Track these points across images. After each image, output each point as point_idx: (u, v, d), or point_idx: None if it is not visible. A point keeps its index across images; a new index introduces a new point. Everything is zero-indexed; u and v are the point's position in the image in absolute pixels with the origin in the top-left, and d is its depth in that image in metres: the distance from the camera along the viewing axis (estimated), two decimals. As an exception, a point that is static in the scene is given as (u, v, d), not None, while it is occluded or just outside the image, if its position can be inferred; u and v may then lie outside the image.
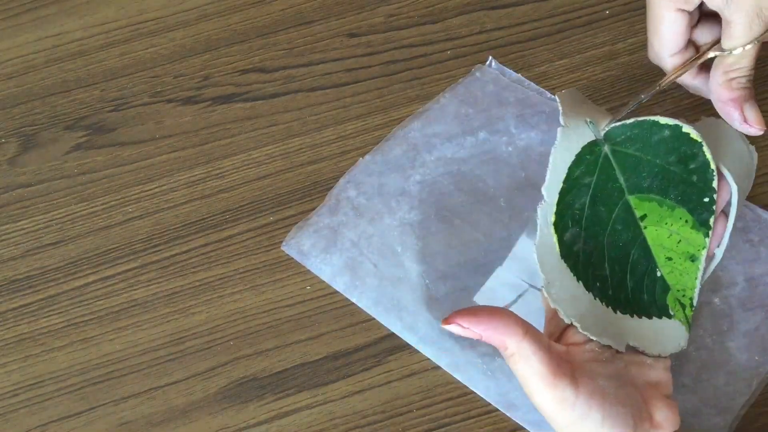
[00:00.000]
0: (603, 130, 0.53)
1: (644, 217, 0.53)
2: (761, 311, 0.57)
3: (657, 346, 0.50)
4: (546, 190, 0.52)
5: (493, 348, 0.47)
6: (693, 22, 0.58)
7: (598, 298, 0.50)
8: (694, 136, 0.52)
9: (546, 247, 0.51)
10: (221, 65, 0.75)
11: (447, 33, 0.74)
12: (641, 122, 0.53)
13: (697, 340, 0.56)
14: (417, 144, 0.67)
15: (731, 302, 0.58)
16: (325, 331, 0.60)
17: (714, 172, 0.52)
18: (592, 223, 0.52)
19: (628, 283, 0.52)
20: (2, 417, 0.59)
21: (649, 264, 0.52)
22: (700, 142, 0.52)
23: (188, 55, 0.76)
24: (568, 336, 0.50)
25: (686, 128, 0.53)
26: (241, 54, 0.75)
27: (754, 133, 0.56)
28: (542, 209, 0.51)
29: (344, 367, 0.59)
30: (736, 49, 0.55)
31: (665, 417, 0.47)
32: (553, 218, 0.51)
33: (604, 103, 0.67)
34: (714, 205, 0.52)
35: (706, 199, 0.52)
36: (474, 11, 0.75)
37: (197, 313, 0.62)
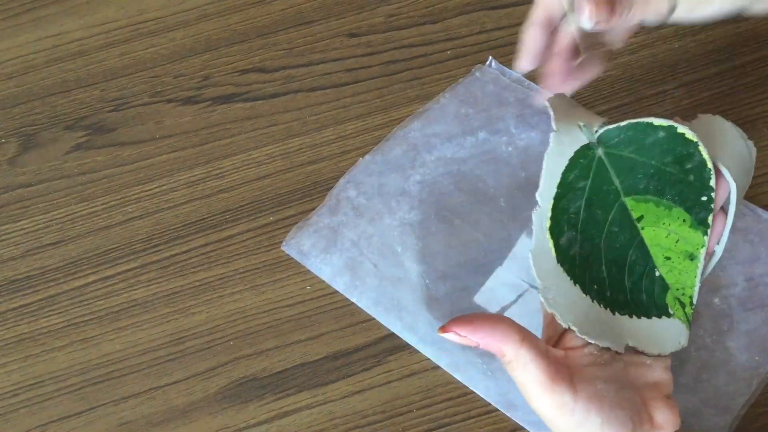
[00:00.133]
0: (596, 133, 0.53)
1: (641, 218, 0.52)
2: (761, 311, 0.57)
3: (657, 346, 0.50)
4: (540, 196, 0.51)
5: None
6: None
7: (595, 301, 0.50)
8: (689, 136, 0.52)
9: (542, 253, 0.50)
10: (221, 65, 0.75)
11: (447, 33, 0.74)
12: (635, 124, 0.53)
13: (697, 340, 0.56)
14: (417, 144, 0.67)
15: (731, 302, 0.58)
16: (325, 331, 0.60)
17: (711, 170, 0.52)
18: (588, 226, 0.52)
19: (626, 283, 0.51)
20: (2, 417, 0.59)
21: (647, 264, 0.52)
22: (695, 141, 0.52)
23: (188, 55, 0.76)
24: (566, 340, 0.49)
25: (681, 128, 0.52)
26: (241, 54, 0.75)
27: (583, 20, 0.52)
28: (537, 215, 0.51)
29: (344, 367, 0.59)
30: None
31: (665, 418, 0.47)
32: (548, 223, 0.51)
33: (604, 103, 0.67)
34: (712, 204, 0.52)
35: (704, 198, 0.52)
36: (474, 11, 0.75)
37: (197, 313, 0.62)
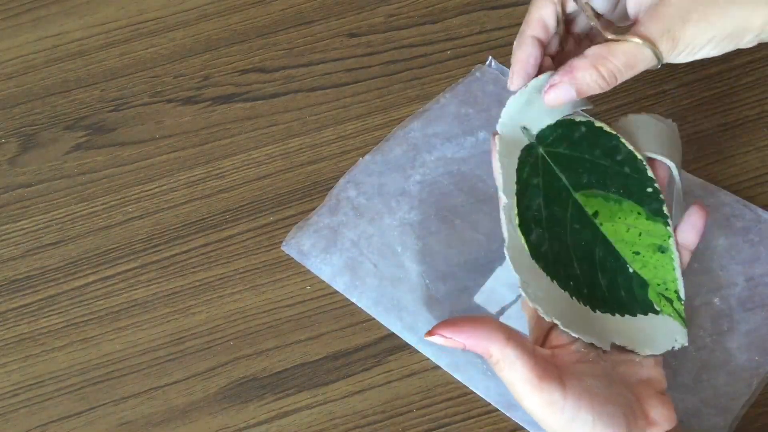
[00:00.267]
0: (534, 135, 0.53)
1: (596, 214, 0.52)
2: (761, 311, 0.57)
3: (648, 345, 0.49)
4: (503, 192, 0.51)
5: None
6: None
7: (574, 297, 0.50)
8: (607, 129, 0.53)
9: (516, 248, 0.50)
10: (221, 65, 0.75)
11: (447, 33, 0.74)
12: (562, 121, 0.53)
13: (697, 340, 0.56)
14: (417, 144, 0.67)
15: (731, 302, 0.58)
16: (325, 331, 0.60)
17: (644, 161, 0.52)
18: (551, 224, 0.51)
19: (600, 281, 0.51)
20: (2, 417, 0.59)
21: (618, 261, 0.52)
22: (615, 134, 0.53)
23: (188, 55, 0.76)
24: (553, 338, 0.49)
25: (598, 123, 0.53)
26: (241, 54, 0.75)
27: (547, 99, 0.51)
28: (504, 210, 0.51)
29: (344, 367, 0.59)
30: (631, 42, 0.50)
31: (660, 414, 0.47)
32: (517, 220, 0.51)
33: (604, 103, 0.67)
34: (660, 194, 0.52)
35: (650, 189, 0.52)
36: (474, 11, 0.75)
37: (197, 313, 0.62)
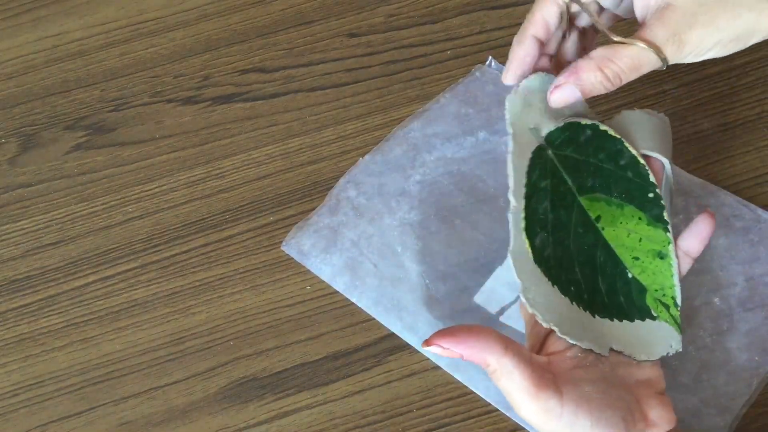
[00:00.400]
0: (542, 136, 0.53)
1: (599, 218, 0.52)
2: (761, 311, 0.57)
3: (644, 350, 0.49)
4: (513, 195, 0.51)
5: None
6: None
7: (574, 302, 0.50)
8: (612, 133, 0.53)
9: (520, 253, 0.50)
10: (221, 65, 0.75)
11: (447, 33, 0.74)
12: (569, 124, 0.53)
13: (697, 340, 0.56)
14: (417, 144, 0.67)
15: (731, 302, 0.58)
16: (325, 331, 0.60)
17: (645, 167, 0.52)
18: (556, 228, 0.52)
19: (600, 286, 0.51)
20: (2, 417, 0.59)
21: (617, 266, 0.52)
22: (619, 138, 0.53)
23: (188, 55, 0.76)
24: (549, 345, 0.49)
25: (603, 126, 0.53)
26: (241, 54, 0.75)
27: (552, 100, 0.52)
28: (512, 215, 0.51)
29: (344, 367, 0.59)
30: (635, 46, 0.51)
31: (660, 415, 0.47)
32: (524, 223, 0.51)
33: (605, 104, 0.67)
34: (662, 200, 0.52)
35: (651, 195, 0.52)
36: (474, 11, 0.75)
37: (197, 313, 0.62)
